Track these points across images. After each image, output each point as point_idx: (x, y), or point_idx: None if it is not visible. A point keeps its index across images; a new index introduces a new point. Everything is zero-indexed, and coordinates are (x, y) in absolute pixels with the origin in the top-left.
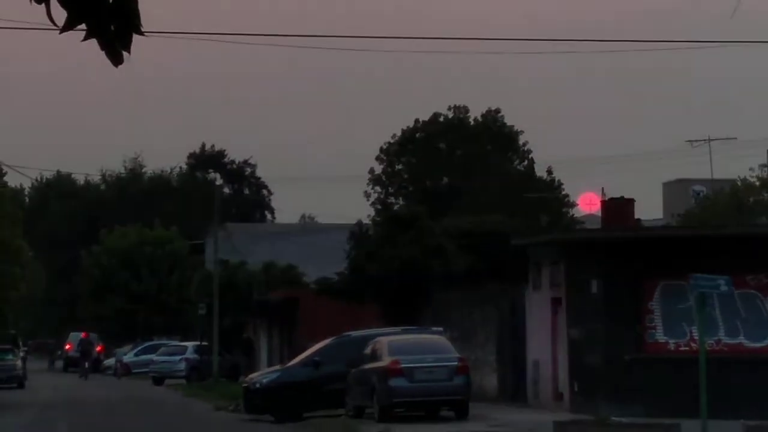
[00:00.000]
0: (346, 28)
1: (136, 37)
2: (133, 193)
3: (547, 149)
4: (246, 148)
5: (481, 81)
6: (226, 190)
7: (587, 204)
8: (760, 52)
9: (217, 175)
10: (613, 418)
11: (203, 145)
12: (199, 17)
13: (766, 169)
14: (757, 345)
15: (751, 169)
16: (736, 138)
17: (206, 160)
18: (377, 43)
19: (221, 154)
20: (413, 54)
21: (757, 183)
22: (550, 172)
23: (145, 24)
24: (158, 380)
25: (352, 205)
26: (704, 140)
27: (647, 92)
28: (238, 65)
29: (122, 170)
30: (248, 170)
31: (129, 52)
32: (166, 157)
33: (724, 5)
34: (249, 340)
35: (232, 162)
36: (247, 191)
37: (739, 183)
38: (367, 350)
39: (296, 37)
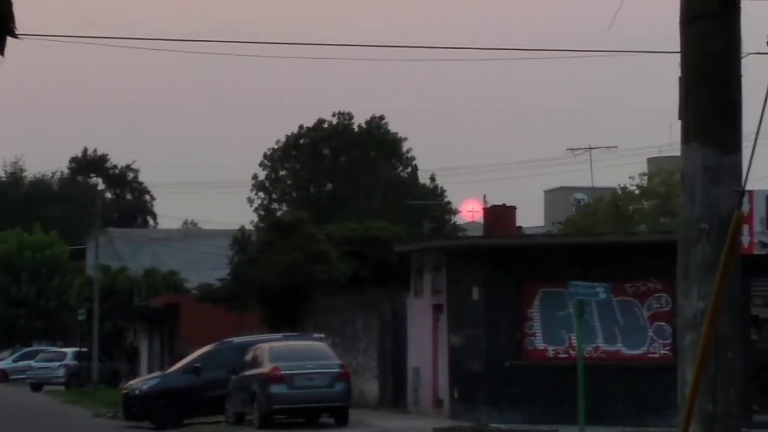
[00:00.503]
0: (230, 33)
1: (12, 41)
2: (13, 198)
3: (430, 157)
4: (128, 153)
5: (365, 88)
6: (108, 194)
7: (470, 211)
8: (639, 62)
9: (99, 180)
10: (493, 424)
11: (85, 150)
12: (78, 20)
13: (645, 177)
14: (635, 352)
15: (631, 177)
16: (616, 147)
17: (88, 164)
18: (262, 49)
19: (103, 158)
20: (298, 60)
21: (637, 191)
22: (433, 179)
23: (22, 27)
24: (36, 386)
25: (235, 211)
26: (585, 149)
27: (530, 101)
28: (119, 69)
29: (2, 174)
30: (130, 175)
31: (3, 54)
32: (47, 161)
33: (603, 16)
34: (134, 348)
35: (115, 167)
36: (129, 196)
37: (619, 191)
38: (248, 357)
39: (180, 41)
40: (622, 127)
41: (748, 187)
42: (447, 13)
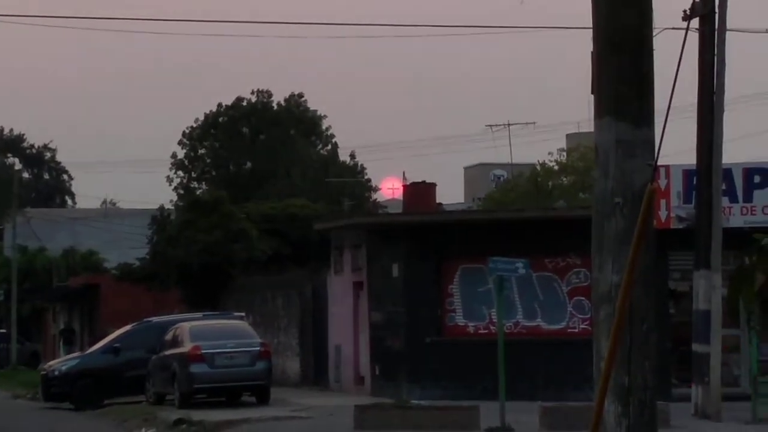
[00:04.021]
0: (149, 11)
1: None
2: None
3: (350, 134)
4: (46, 133)
5: (283, 66)
6: (26, 174)
7: (390, 188)
8: (556, 38)
9: (16, 160)
10: (414, 401)
11: (1, 129)
12: None
13: (564, 153)
14: (555, 327)
15: (549, 153)
16: (535, 123)
17: (4, 144)
18: (181, 26)
19: (20, 138)
20: (216, 37)
21: (556, 167)
22: (353, 156)
23: None
24: None
25: (154, 190)
26: (504, 125)
27: (448, 77)
28: (35, 48)
29: None
30: (48, 155)
31: None
32: None
33: None
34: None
35: (32, 146)
36: (47, 176)
37: (538, 167)
38: (168, 336)
39: (95, 19)
40: (541, 103)
41: (665, 162)
42: None
